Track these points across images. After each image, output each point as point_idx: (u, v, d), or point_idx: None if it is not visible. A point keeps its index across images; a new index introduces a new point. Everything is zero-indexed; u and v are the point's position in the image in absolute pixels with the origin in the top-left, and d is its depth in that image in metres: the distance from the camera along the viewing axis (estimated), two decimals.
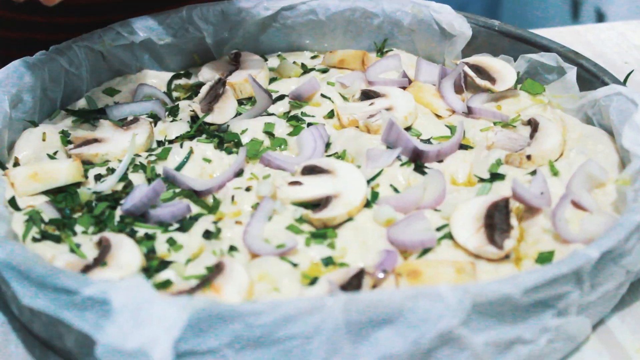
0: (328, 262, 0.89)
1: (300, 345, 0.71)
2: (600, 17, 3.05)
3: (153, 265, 0.87)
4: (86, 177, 1.01)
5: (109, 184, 0.98)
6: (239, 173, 1.01)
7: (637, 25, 1.54)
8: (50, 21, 1.32)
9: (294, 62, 1.26)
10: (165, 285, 0.84)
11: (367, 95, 1.14)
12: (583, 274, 0.79)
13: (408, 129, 1.09)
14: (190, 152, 1.04)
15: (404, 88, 1.17)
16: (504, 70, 1.16)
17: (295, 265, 0.88)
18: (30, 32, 1.34)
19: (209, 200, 0.98)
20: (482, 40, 1.24)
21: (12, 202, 0.95)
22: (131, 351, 0.69)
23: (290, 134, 1.09)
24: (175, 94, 1.20)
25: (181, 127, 1.10)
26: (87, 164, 1.03)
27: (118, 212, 0.95)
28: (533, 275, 0.76)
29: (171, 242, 0.91)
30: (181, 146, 1.05)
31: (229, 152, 1.05)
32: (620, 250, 0.82)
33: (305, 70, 1.24)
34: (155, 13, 1.22)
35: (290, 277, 0.86)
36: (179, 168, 1.02)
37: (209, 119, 1.10)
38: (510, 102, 1.14)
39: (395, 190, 0.99)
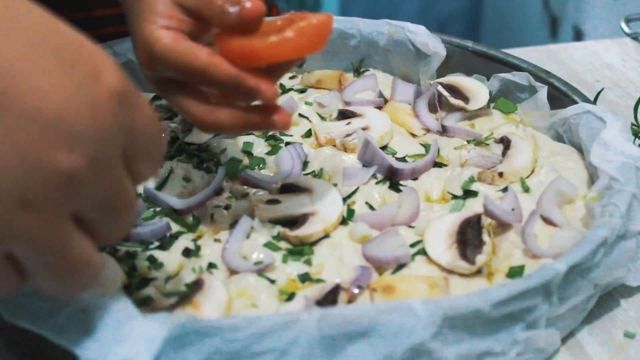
0: (305, 278, 0.91)
1: (276, 359, 0.73)
2: (578, 35, 3.09)
3: (134, 283, 0.89)
4: None
5: None
6: (218, 192, 1.03)
7: (609, 44, 1.57)
8: None
9: None
10: (145, 301, 0.86)
11: (344, 114, 1.17)
12: (551, 288, 0.81)
13: (384, 147, 1.11)
14: (171, 171, 1.05)
15: (380, 108, 1.20)
16: (477, 89, 1.18)
17: (272, 281, 0.89)
18: None
19: (189, 218, 1.00)
20: (456, 60, 1.27)
21: None
22: None
23: (268, 153, 1.11)
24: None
25: None
26: None
27: None
28: (502, 289, 0.78)
29: (152, 259, 0.92)
30: (161, 166, 1.06)
31: (209, 171, 1.07)
32: (588, 264, 0.84)
33: (284, 90, 1.27)
34: None
35: (267, 293, 0.88)
36: (159, 187, 1.04)
37: (188, 138, 1.12)
38: (484, 120, 1.17)
39: (371, 207, 1.01)
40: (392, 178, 1.05)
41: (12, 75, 0.59)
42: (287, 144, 1.12)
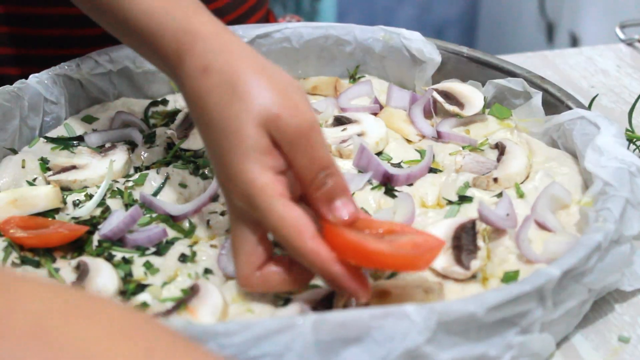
0: None
1: None
2: (574, 41, 3.10)
3: (130, 289, 0.89)
4: (65, 203, 1.03)
5: (87, 210, 1.00)
6: (214, 198, 1.03)
7: (603, 50, 1.58)
8: (28, 53, 1.34)
9: None
10: (142, 307, 0.86)
11: (339, 121, 1.17)
12: (545, 292, 0.81)
13: (379, 153, 1.12)
14: (167, 177, 1.06)
15: (375, 114, 1.20)
16: (472, 95, 1.19)
17: None
18: (4, 66, 1.36)
19: (185, 224, 1.00)
20: (451, 66, 1.27)
21: None
22: None
23: None
24: (152, 121, 1.22)
25: (158, 153, 1.13)
26: (65, 190, 1.05)
27: (96, 237, 0.96)
28: (496, 293, 0.79)
29: (148, 265, 0.93)
30: (158, 172, 1.07)
31: (205, 178, 1.07)
32: (582, 269, 0.85)
33: None
34: None
35: (263, 299, 0.88)
36: (155, 193, 1.04)
37: (185, 145, 1.12)
38: (479, 126, 1.17)
39: (366, 213, 1.01)
40: (388, 184, 1.05)
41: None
42: None
